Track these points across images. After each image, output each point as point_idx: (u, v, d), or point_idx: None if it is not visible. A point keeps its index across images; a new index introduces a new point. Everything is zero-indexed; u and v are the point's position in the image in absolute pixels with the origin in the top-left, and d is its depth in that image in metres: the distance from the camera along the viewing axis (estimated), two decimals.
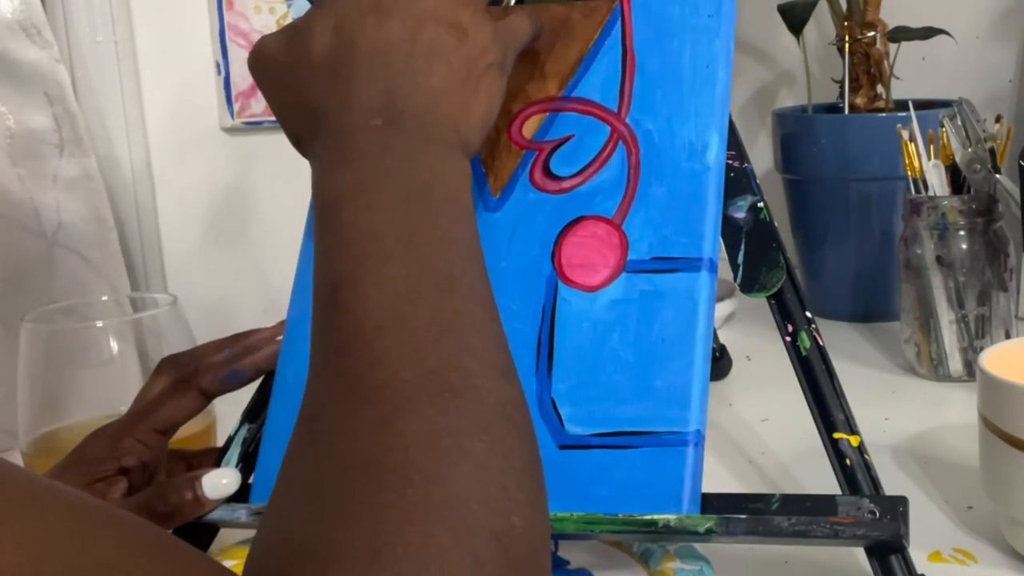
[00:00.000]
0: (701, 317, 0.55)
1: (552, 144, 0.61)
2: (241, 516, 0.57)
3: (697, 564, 0.53)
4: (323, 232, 0.49)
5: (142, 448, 0.59)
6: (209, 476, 0.56)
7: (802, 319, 0.58)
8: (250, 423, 0.62)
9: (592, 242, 0.58)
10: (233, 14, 1.15)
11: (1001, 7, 1.26)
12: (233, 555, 0.59)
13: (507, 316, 0.58)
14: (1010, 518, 0.64)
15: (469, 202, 0.51)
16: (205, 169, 1.16)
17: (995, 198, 0.93)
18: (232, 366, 0.61)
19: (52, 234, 0.97)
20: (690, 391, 0.54)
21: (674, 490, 0.52)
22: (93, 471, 0.57)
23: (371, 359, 0.43)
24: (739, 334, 1.09)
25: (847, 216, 1.13)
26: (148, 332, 0.77)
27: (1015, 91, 1.25)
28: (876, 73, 1.15)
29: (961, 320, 0.94)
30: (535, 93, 0.62)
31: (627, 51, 0.61)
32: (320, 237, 0.49)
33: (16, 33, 0.95)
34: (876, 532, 0.51)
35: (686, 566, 0.53)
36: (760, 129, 1.36)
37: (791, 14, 1.18)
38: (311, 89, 0.53)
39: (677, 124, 0.59)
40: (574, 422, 0.55)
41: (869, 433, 0.58)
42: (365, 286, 0.45)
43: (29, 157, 0.97)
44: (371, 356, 0.43)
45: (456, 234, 0.49)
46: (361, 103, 0.52)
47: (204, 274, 1.16)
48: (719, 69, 0.59)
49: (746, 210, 0.59)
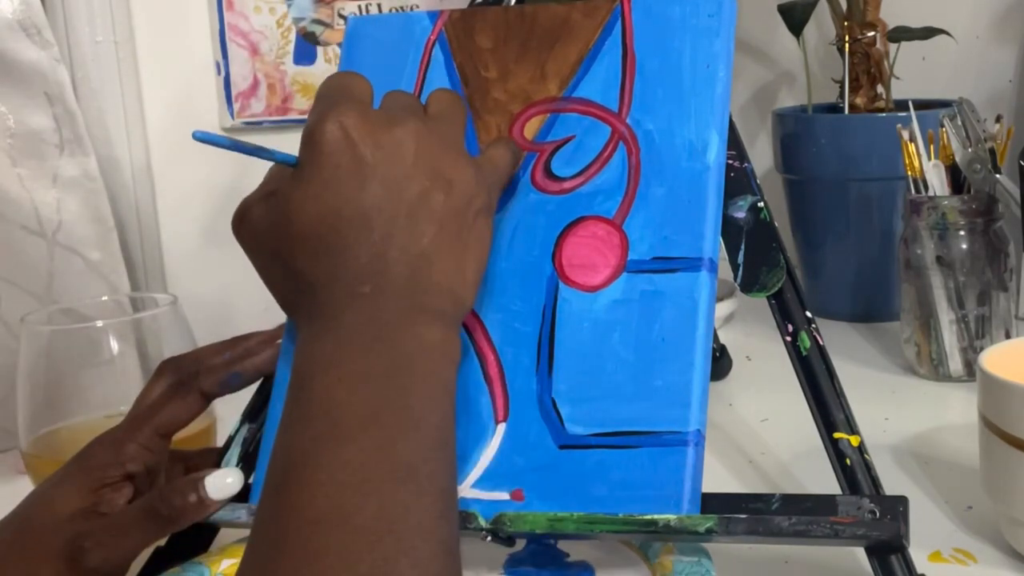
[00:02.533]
0: (701, 317, 0.55)
1: (553, 145, 0.61)
2: (241, 516, 0.57)
3: (696, 556, 0.53)
4: (290, 403, 0.48)
5: (146, 453, 0.58)
6: (212, 477, 0.56)
7: (802, 319, 0.58)
8: (250, 423, 0.62)
9: (593, 242, 0.58)
10: (233, 14, 1.15)
11: (1001, 7, 1.26)
12: (233, 554, 0.59)
13: (508, 316, 0.58)
14: (1010, 518, 0.64)
15: (451, 379, 0.50)
16: (205, 169, 1.16)
17: (995, 198, 0.94)
18: (233, 368, 0.61)
19: (52, 234, 0.97)
20: (690, 391, 0.54)
21: (674, 490, 0.52)
22: (98, 477, 0.57)
23: (303, 558, 0.42)
24: (739, 334, 1.09)
25: (847, 216, 1.13)
26: (148, 332, 0.77)
27: (1015, 91, 1.25)
28: (876, 73, 1.15)
29: (961, 320, 0.94)
30: (536, 94, 0.62)
31: (627, 51, 0.61)
32: (287, 409, 0.48)
33: (16, 33, 0.95)
34: (876, 532, 0.51)
35: (685, 558, 0.53)
36: (760, 129, 1.36)
37: (791, 14, 1.18)
38: (297, 260, 0.51)
39: (677, 124, 0.59)
40: (574, 422, 0.55)
41: (869, 433, 0.58)
42: (316, 470, 0.44)
43: (29, 157, 0.97)
44: (303, 555, 0.42)
45: (428, 415, 0.47)
46: (349, 272, 0.50)
47: (204, 274, 1.16)
48: (719, 69, 0.59)
49: (746, 210, 0.59)
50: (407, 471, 0.45)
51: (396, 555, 0.42)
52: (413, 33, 0.65)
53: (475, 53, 0.64)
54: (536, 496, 0.54)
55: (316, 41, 1.19)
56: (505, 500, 0.54)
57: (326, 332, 0.49)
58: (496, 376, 0.57)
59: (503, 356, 0.58)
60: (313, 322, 0.50)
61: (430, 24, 0.65)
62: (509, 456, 0.55)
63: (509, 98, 0.62)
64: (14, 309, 0.93)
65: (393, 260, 0.50)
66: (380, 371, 0.47)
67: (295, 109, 1.18)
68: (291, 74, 1.18)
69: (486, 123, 0.62)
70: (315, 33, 1.19)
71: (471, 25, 0.64)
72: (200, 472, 0.57)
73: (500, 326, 0.58)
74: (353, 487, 0.43)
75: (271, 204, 0.53)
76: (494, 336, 0.58)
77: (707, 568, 0.52)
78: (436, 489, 0.45)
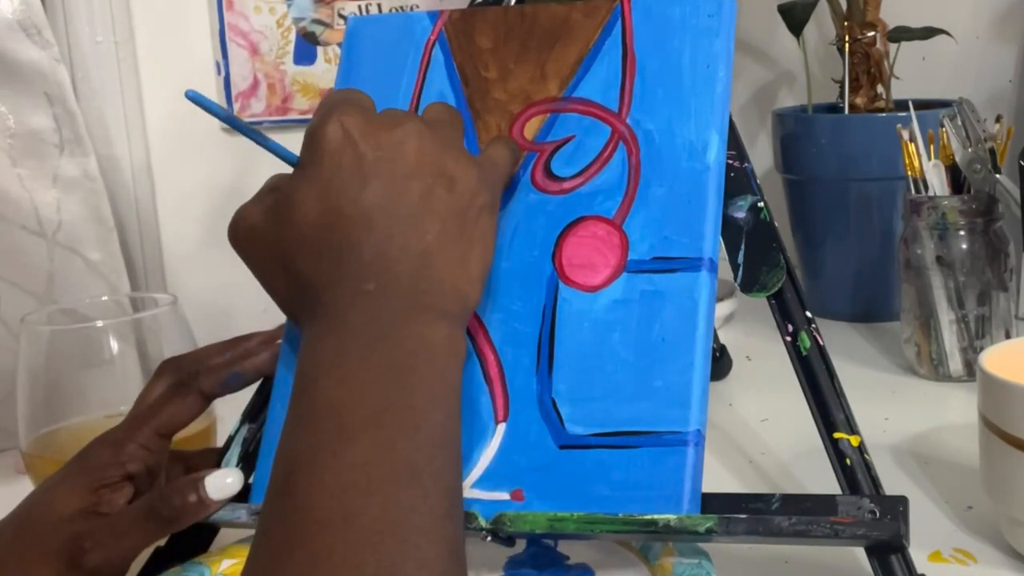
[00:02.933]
0: (701, 317, 0.55)
1: (553, 145, 0.61)
2: (241, 516, 0.57)
3: (696, 558, 0.53)
4: (294, 405, 0.48)
5: (146, 453, 0.58)
6: (212, 477, 0.56)
7: (802, 319, 0.58)
8: (250, 423, 0.62)
9: (593, 242, 0.58)
10: (233, 14, 1.15)
11: (1001, 7, 1.26)
12: (233, 554, 0.59)
13: (508, 316, 0.58)
14: (1010, 518, 0.64)
15: (455, 378, 0.49)
16: (205, 169, 1.16)
17: (995, 198, 0.94)
18: (233, 368, 0.61)
19: (52, 234, 0.97)
20: (690, 391, 0.54)
21: (674, 490, 0.52)
22: (98, 477, 0.57)
23: (308, 560, 0.42)
24: (739, 334, 1.09)
25: (847, 216, 1.13)
26: (148, 332, 0.77)
27: (1015, 91, 1.25)
28: (876, 73, 1.15)
29: (961, 320, 0.94)
30: (536, 94, 0.62)
31: (627, 51, 0.61)
32: (291, 411, 0.48)
33: (16, 33, 0.95)
34: (876, 532, 0.51)
35: (685, 560, 0.53)
36: (760, 129, 1.36)
37: (791, 14, 1.18)
38: (298, 261, 0.51)
39: (677, 124, 0.59)
40: (574, 422, 0.55)
41: (869, 433, 0.58)
42: (321, 471, 0.44)
43: (29, 157, 0.97)
44: (309, 557, 0.42)
45: (432, 415, 0.47)
46: (352, 270, 0.49)
47: (204, 274, 1.16)
48: (719, 69, 0.59)
49: (746, 210, 0.59)
50: (411, 472, 0.45)
51: (402, 556, 0.42)
52: (413, 33, 0.65)
53: (475, 53, 0.64)
54: (536, 496, 0.54)
55: (316, 41, 1.19)
56: (505, 500, 0.54)
57: (329, 332, 0.49)
58: (496, 376, 0.57)
59: (503, 356, 0.58)
60: (316, 323, 0.50)
61: (430, 24, 0.65)
62: (509, 456, 0.55)
63: (509, 98, 0.62)
64: (14, 309, 0.93)
65: (396, 258, 0.50)
66: (383, 370, 0.47)
67: (295, 109, 1.18)
68: (291, 74, 1.18)
69: (486, 123, 0.62)
70: (315, 33, 1.19)
71: (471, 25, 0.64)
72: (200, 472, 0.57)
73: (500, 326, 0.58)
74: (357, 488, 0.43)
75: (270, 206, 0.52)
76: (494, 336, 0.58)
77: (707, 570, 0.52)
78: (441, 488, 0.45)
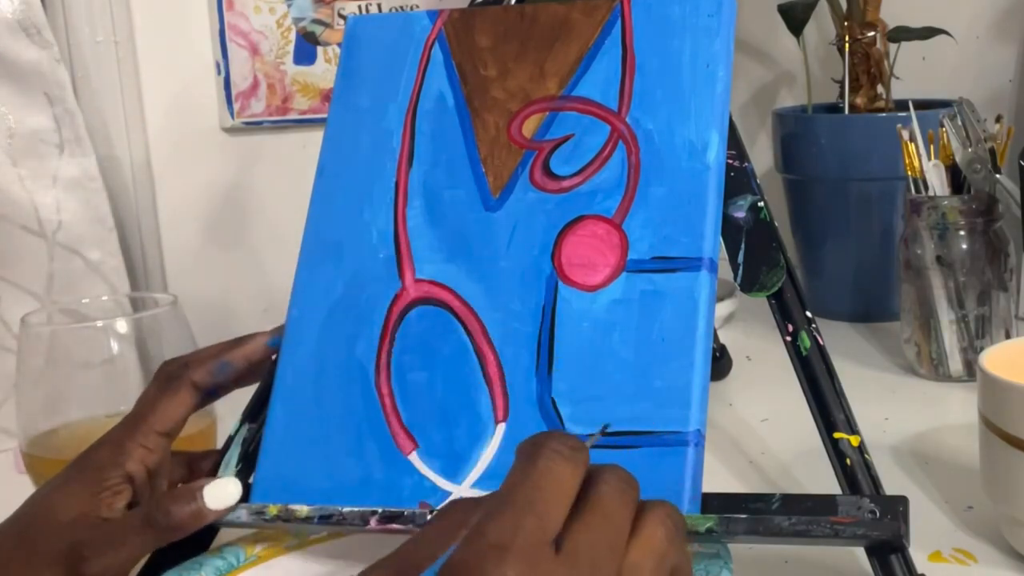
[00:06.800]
0: (701, 317, 0.55)
1: (552, 143, 0.61)
2: (241, 516, 0.57)
3: (714, 547, 0.53)
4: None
5: (145, 452, 0.58)
6: (211, 487, 0.56)
7: (802, 319, 0.58)
8: (250, 423, 0.62)
9: (592, 241, 0.58)
10: (233, 14, 1.15)
11: (1001, 7, 1.26)
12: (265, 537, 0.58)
13: (507, 316, 0.58)
14: (1010, 518, 0.64)
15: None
16: (205, 169, 1.16)
17: (995, 198, 0.94)
18: (221, 357, 0.61)
19: (52, 234, 0.97)
20: (690, 391, 0.54)
21: (674, 490, 0.52)
22: (97, 480, 0.57)
23: None
24: (739, 334, 1.09)
25: (847, 216, 1.13)
26: (148, 332, 0.77)
27: (1015, 91, 1.25)
28: (876, 73, 1.15)
29: (961, 320, 0.94)
30: (535, 92, 0.62)
31: (627, 50, 0.61)
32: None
33: (16, 33, 0.95)
34: (876, 532, 0.51)
35: (703, 549, 0.53)
36: (760, 129, 1.36)
37: (791, 14, 1.18)
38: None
39: (677, 124, 0.59)
40: (574, 422, 0.55)
41: (869, 433, 0.58)
42: None
43: (29, 157, 0.97)
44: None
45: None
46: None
47: (204, 274, 1.16)
48: (719, 69, 0.59)
49: (746, 210, 0.59)
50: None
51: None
52: (413, 32, 0.65)
53: (474, 52, 0.64)
54: None
55: (316, 41, 1.19)
56: None
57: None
58: (496, 376, 0.57)
59: (503, 356, 0.58)
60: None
61: (430, 23, 0.65)
62: (509, 456, 0.55)
63: (508, 96, 0.62)
64: (14, 309, 0.93)
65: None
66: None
67: (295, 109, 1.19)
68: (291, 74, 1.18)
69: (484, 121, 0.62)
70: (315, 33, 1.19)
71: (470, 24, 0.64)
72: (199, 481, 0.57)
73: (500, 326, 0.58)
74: None
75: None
76: (494, 336, 0.58)
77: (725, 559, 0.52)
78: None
